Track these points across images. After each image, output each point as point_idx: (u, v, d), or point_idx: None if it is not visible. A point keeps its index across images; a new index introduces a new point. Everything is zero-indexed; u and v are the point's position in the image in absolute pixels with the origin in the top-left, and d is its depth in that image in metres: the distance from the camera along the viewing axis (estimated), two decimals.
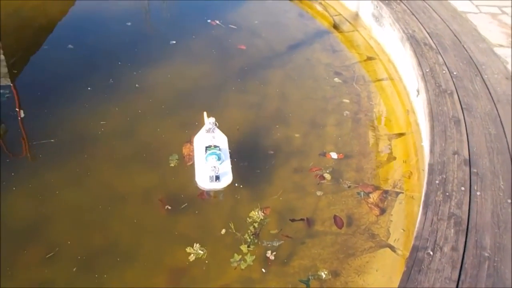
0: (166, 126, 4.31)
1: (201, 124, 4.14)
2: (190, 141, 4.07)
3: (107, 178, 3.76)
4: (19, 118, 4.27)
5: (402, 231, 3.49)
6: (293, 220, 3.50)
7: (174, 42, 5.60)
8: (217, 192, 3.71)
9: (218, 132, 4.00)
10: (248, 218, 3.49)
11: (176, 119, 4.41)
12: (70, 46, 5.37)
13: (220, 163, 3.69)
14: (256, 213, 3.52)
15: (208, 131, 3.97)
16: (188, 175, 3.80)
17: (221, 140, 3.93)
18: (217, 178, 3.61)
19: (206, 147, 3.79)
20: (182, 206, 3.54)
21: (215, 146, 3.78)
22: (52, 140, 4.01)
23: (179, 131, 4.24)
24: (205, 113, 4.19)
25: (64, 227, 3.36)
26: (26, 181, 3.65)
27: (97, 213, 3.46)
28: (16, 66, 5.09)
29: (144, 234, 3.36)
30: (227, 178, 3.65)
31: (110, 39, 5.67)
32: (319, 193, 3.76)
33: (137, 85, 4.77)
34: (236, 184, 3.74)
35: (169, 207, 3.52)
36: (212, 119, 3.97)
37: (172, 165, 3.87)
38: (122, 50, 5.41)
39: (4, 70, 5.02)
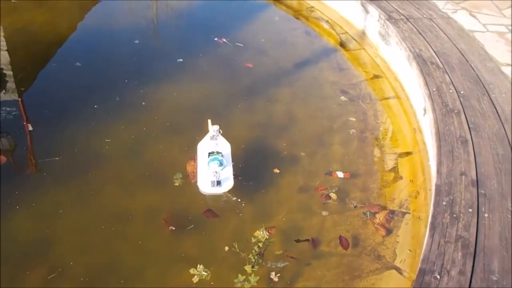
0: (171, 145, 4.31)
1: (206, 132, 4.19)
2: (194, 159, 4.07)
3: (111, 198, 3.76)
4: (27, 131, 4.30)
5: (408, 252, 3.45)
6: (298, 241, 3.47)
7: (181, 60, 5.63)
8: (221, 209, 3.69)
9: (221, 139, 4.10)
10: (252, 238, 3.46)
11: (181, 137, 4.41)
12: (78, 63, 5.41)
13: (222, 169, 3.79)
14: (261, 232, 3.49)
15: (212, 138, 4.06)
16: (193, 194, 3.79)
17: (224, 147, 4.03)
18: (219, 183, 3.70)
19: (209, 153, 3.91)
20: (188, 228, 3.52)
21: (218, 152, 3.90)
22: (57, 158, 4.02)
23: (184, 150, 4.23)
24: (209, 121, 4.26)
25: (67, 247, 3.35)
26: (30, 199, 3.64)
27: (100, 233, 3.44)
28: (23, 82, 5.13)
29: (148, 255, 3.34)
30: (228, 183, 3.74)
31: (117, 56, 5.71)
32: (324, 213, 3.73)
33: (143, 103, 4.78)
34: (240, 201, 3.74)
35: (173, 228, 3.50)
36: (216, 127, 4.08)
37: (176, 184, 3.86)
38: (129, 68, 5.44)
39: (12, 85, 5.07)
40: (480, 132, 3.93)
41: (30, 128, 4.35)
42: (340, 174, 4.11)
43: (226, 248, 3.37)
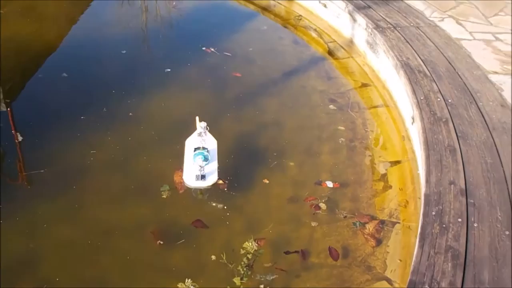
0: (158, 156, 4.27)
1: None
2: (181, 169, 4.03)
3: (97, 211, 3.70)
4: (17, 141, 4.25)
5: (399, 262, 3.43)
6: (287, 253, 3.43)
7: (169, 70, 5.60)
8: (210, 220, 3.65)
9: (209, 136, 4.24)
10: (241, 249, 3.41)
11: (168, 148, 4.37)
12: (64, 74, 5.36)
13: (206, 164, 3.95)
14: (250, 244, 3.45)
15: (199, 135, 4.15)
16: (181, 206, 3.76)
17: (211, 143, 4.18)
18: (203, 177, 3.88)
19: (195, 149, 4.06)
20: (178, 242, 3.47)
21: (204, 148, 4.05)
22: (42, 171, 3.95)
23: (171, 160, 4.19)
24: (197, 118, 4.32)
25: (53, 262, 3.29)
26: (14, 213, 3.58)
27: (87, 248, 3.38)
28: (10, 93, 5.06)
29: (135, 270, 3.29)
30: (212, 177, 3.91)
31: (104, 67, 5.66)
32: (314, 223, 3.70)
33: (130, 114, 4.74)
34: (229, 214, 3.71)
35: (161, 242, 3.45)
36: (204, 123, 4.19)
37: (164, 196, 3.82)
38: (117, 78, 5.40)
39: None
40: (468, 141, 3.93)
41: (20, 138, 4.28)
42: (329, 184, 4.09)
43: (215, 259, 3.32)
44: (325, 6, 6.88)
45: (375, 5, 6.37)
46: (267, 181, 4.09)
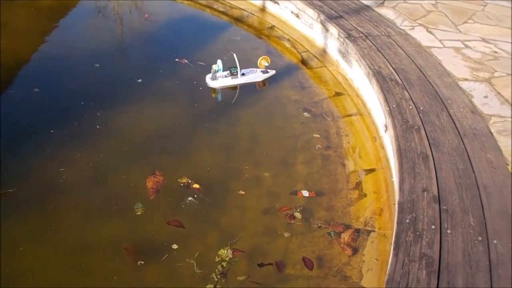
0: (130, 170, 4.20)
1: None
2: (154, 174, 4.02)
3: (71, 231, 3.61)
4: None
5: (374, 271, 3.42)
6: (261, 265, 3.39)
7: (140, 80, 5.54)
8: (184, 236, 3.59)
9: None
10: (216, 257, 3.40)
11: (140, 162, 4.31)
12: (36, 89, 5.26)
13: (217, 70, 5.60)
14: (225, 251, 3.43)
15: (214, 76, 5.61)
16: (155, 220, 3.70)
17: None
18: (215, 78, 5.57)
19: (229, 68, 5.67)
20: (162, 258, 3.41)
21: (235, 67, 5.65)
22: (10, 190, 3.85)
23: (143, 175, 4.13)
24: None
25: (28, 284, 3.19)
26: None
27: (63, 269, 3.30)
28: None
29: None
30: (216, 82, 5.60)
31: (77, 81, 5.56)
32: (289, 234, 3.68)
33: (98, 127, 4.67)
34: (205, 221, 3.70)
35: (136, 257, 3.39)
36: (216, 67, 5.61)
37: (138, 213, 3.75)
38: (89, 92, 5.30)
39: None
40: (440, 148, 3.97)
41: None
42: (305, 193, 4.09)
43: (188, 268, 3.30)
44: (297, 16, 6.93)
45: (347, 14, 6.43)
46: (243, 193, 4.06)
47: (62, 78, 5.64)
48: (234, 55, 5.67)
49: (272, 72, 5.90)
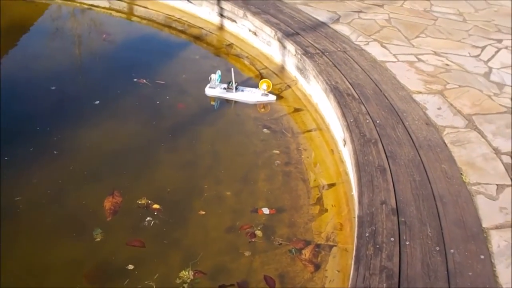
0: (89, 194, 4.09)
1: None
2: (113, 194, 3.96)
3: (31, 261, 3.48)
4: None
5: (337, 285, 3.43)
6: (223, 287, 3.34)
7: (98, 102, 5.45)
8: (142, 260, 3.52)
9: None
10: (177, 279, 3.33)
11: (99, 186, 4.21)
12: None
13: (217, 79, 5.83)
14: (187, 272, 3.37)
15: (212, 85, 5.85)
16: (113, 243, 3.62)
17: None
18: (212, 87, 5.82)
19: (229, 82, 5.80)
20: (124, 283, 3.31)
21: (230, 82, 5.79)
22: None
23: (103, 198, 4.04)
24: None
25: None
26: None
27: None
28: None
29: None
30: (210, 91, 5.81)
31: (32, 105, 5.39)
32: (250, 252, 3.65)
33: (55, 152, 4.55)
34: (165, 242, 3.64)
35: (95, 284, 3.30)
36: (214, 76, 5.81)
37: (98, 239, 3.66)
38: (44, 116, 5.16)
39: None
40: (397, 160, 4.04)
41: None
42: (266, 211, 4.07)
43: None
44: (255, 34, 6.99)
45: (303, 31, 6.53)
46: (203, 212, 4.02)
47: (16, 102, 5.49)
48: (232, 69, 5.79)
49: (272, 97, 5.76)
